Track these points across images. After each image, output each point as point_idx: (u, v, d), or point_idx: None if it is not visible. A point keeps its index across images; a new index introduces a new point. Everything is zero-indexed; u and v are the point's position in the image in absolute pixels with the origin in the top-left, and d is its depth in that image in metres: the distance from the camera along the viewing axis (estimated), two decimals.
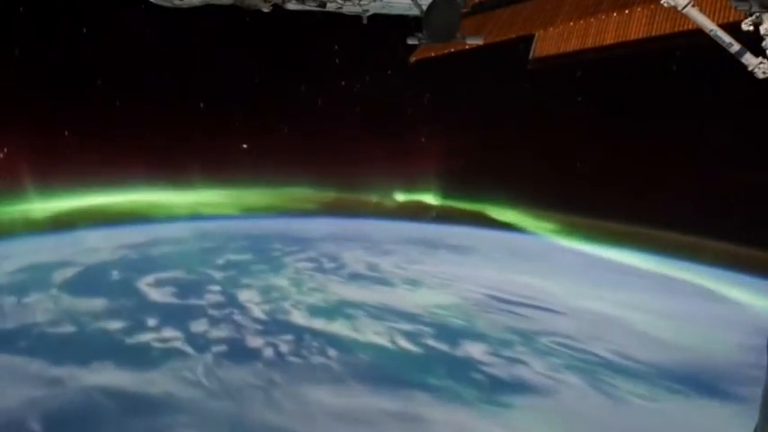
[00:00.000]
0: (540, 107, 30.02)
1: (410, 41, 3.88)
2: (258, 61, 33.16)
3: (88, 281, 23.41)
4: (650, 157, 29.09)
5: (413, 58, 4.75)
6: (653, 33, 3.76)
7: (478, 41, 3.95)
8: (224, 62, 32.18)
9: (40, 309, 19.91)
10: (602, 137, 30.46)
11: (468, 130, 36.30)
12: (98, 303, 20.23)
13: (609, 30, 3.92)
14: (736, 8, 2.94)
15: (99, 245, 30.47)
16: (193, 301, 20.44)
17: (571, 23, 4.07)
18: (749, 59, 2.89)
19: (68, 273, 24.53)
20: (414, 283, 23.26)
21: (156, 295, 21.14)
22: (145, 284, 22.56)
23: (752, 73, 2.91)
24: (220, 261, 26.08)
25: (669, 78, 24.53)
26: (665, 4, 2.88)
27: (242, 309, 19.71)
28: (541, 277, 25.77)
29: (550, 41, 4.35)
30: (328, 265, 25.73)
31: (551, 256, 31.50)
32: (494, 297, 21.95)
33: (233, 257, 26.86)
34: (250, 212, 42.18)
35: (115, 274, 24.26)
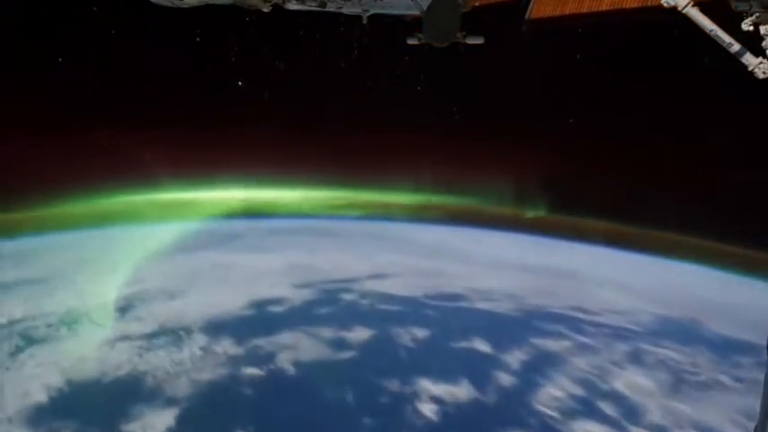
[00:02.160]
0: None
1: (410, 41, 3.82)
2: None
3: None
4: None
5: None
6: (649, 4, 3.65)
7: (479, 41, 3.87)
8: None
9: None
10: None
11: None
12: None
13: None
14: (736, 8, 2.87)
15: (168, 313, 18.47)
16: None
17: None
18: (749, 59, 2.78)
19: None
20: None
21: None
22: None
23: (752, 73, 2.79)
24: (428, 410, 14.73)
25: None
26: (666, 5, 2.88)
27: None
28: None
29: (547, 3, 4.17)
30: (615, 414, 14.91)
31: None
32: None
33: (436, 390, 15.54)
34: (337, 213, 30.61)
35: None
